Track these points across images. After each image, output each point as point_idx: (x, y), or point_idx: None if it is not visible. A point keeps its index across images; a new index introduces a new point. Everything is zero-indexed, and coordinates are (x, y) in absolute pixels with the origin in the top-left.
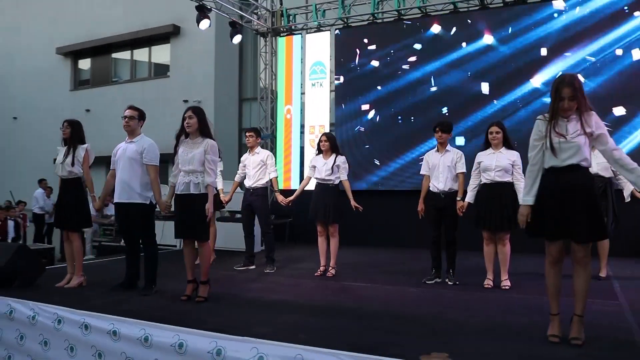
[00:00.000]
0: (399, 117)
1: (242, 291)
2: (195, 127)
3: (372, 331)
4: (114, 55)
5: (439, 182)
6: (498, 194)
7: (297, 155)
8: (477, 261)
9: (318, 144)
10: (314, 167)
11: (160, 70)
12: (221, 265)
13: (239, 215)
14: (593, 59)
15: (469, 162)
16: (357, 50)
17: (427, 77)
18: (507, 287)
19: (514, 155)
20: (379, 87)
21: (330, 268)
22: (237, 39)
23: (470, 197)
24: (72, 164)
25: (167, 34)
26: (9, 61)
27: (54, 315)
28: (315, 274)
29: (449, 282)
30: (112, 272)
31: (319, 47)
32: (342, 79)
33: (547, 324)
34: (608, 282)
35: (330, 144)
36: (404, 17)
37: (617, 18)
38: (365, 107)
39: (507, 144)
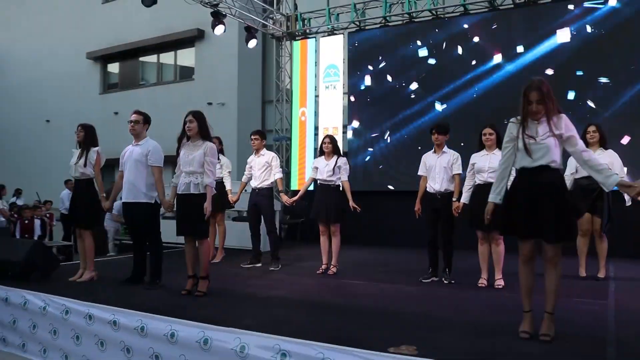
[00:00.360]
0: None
1: (242, 287)
2: (196, 130)
3: (354, 325)
4: (141, 59)
5: (435, 183)
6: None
7: (311, 157)
8: (473, 261)
9: (321, 146)
10: (316, 168)
11: (186, 74)
12: (229, 262)
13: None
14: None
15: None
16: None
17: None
18: (500, 286)
19: None
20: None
21: (331, 266)
22: (252, 43)
23: (465, 198)
24: (85, 166)
25: (192, 38)
26: (42, 66)
27: (62, 306)
28: (317, 272)
29: (445, 281)
30: (128, 269)
31: (333, 50)
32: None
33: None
34: (605, 282)
35: (333, 146)
36: (415, 20)
37: None
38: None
39: (501, 145)
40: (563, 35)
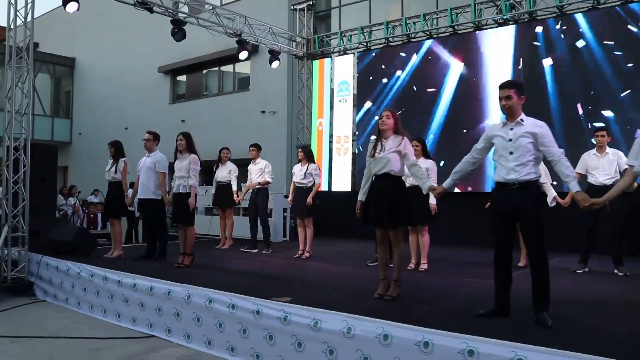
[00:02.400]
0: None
1: (225, 263)
2: (184, 146)
3: (272, 287)
4: (205, 72)
5: None
6: (413, 195)
7: (327, 162)
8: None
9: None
10: (294, 172)
11: (243, 84)
12: (234, 248)
13: None
14: None
15: None
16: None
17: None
18: (423, 269)
19: (427, 163)
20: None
21: (305, 252)
22: (276, 64)
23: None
24: (115, 172)
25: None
26: (122, 79)
27: (89, 271)
28: (294, 256)
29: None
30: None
31: (345, 68)
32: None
33: (422, 293)
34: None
35: (305, 155)
36: (413, 40)
37: None
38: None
39: (425, 154)
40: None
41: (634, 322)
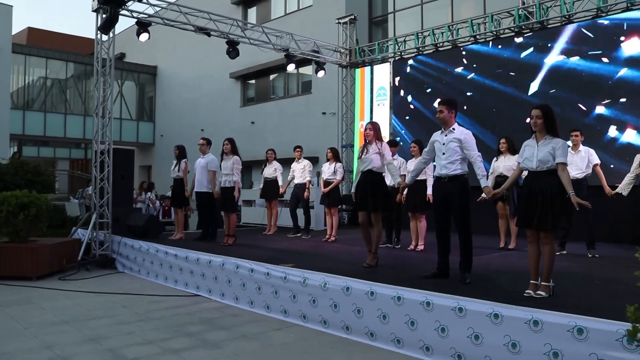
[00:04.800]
0: None
1: (263, 243)
2: (229, 149)
3: (288, 259)
4: (272, 77)
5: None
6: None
7: None
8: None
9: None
10: (323, 170)
11: (306, 88)
12: (278, 234)
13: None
14: None
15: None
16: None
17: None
18: (420, 249)
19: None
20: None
21: (332, 236)
22: (321, 73)
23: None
24: (178, 171)
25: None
26: (198, 85)
27: (155, 248)
28: (322, 240)
29: (396, 247)
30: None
31: (382, 75)
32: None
33: (401, 264)
34: (513, 251)
35: (333, 155)
36: (441, 49)
37: None
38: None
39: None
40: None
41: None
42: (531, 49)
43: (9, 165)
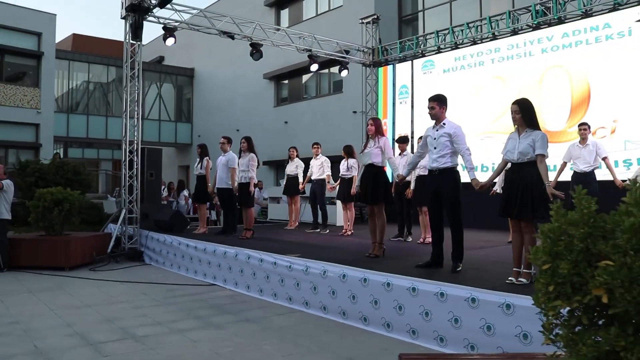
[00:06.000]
0: None
1: (280, 237)
2: (246, 147)
3: (297, 250)
4: (304, 77)
5: None
6: (421, 183)
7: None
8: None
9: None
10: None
11: (337, 87)
12: (299, 229)
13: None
14: None
15: None
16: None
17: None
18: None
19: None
20: None
21: (348, 230)
22: (344, 73)
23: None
24: (201, 168)
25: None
26: (233, 86)
27: (178, 241)
28: (339, 234)
29: (407, 240)
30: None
31: (404, 73)
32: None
33: (404, 254)
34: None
35: (346, 153)
36: (460, 46)
37: None
38: None
39: None
40: None
41: None
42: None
43: (50, 166)
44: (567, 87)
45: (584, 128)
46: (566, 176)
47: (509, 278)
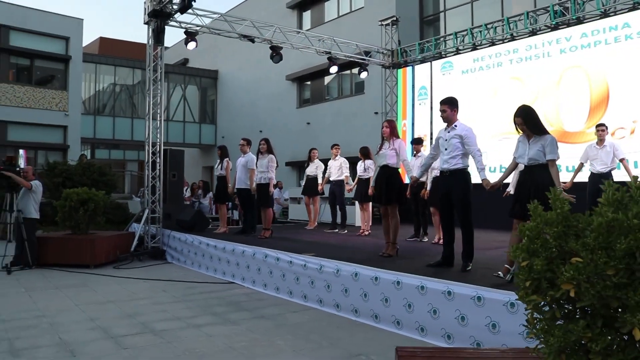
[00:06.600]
0: None
1: (298, 236)
2: (265, 148)
3: (313, 249)
4: (326, 78)
5: None
6: (435, 184)
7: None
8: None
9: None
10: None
11: (359, 88)
12: (318, 229)
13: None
14: None
15: None
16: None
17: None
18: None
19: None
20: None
21: (365, 230)
22: (364, 74)
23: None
24: (221, 169)
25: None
26: (257, 88)
27: (199, 240)
28: (356, 234)
29: (423, 240)
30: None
31: (423, 75)
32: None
33: (420, 258)
34: None
35: (362, 154)
36: (478, 47)
37: None
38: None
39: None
40: None
41: None
42: None
43: (77, 167)
44: (585, 87)
45: (601, 129)
46: (583, 177)
47: (498, 272)
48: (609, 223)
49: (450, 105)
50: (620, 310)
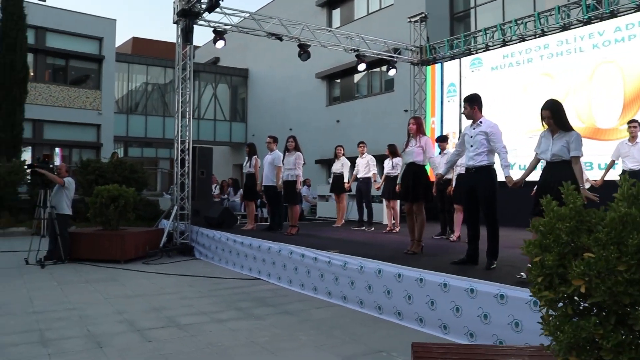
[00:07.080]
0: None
1: (326, 234)
2: (293, 146)
3: (338, 246)
4: (356, 76)
5: None
6: (457, 181)
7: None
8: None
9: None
10: (385, 166)
11: (389, 86)
12: (345, 226)
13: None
14: None
15: None
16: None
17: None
18: (458, 240)
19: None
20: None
21: (395, 227)
22: (392, 72)
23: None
24: (249, 167)
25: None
26: (287, 86)
27: (226, 237)
28: (383, 231)
29: (449, 238)
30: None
31: (452, 71)
32: None
33: (445, 256)
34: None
35: (390, 152)
36: (508, 43)
37: None
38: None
39: None
40: None
41: None
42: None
43: (109, 164)
44: (619, 83)
45: (633, 125)
46: (614, 175)
47: (521, 274)
48: (622, 218)
49: (470, 103)
50: (632, 306)
